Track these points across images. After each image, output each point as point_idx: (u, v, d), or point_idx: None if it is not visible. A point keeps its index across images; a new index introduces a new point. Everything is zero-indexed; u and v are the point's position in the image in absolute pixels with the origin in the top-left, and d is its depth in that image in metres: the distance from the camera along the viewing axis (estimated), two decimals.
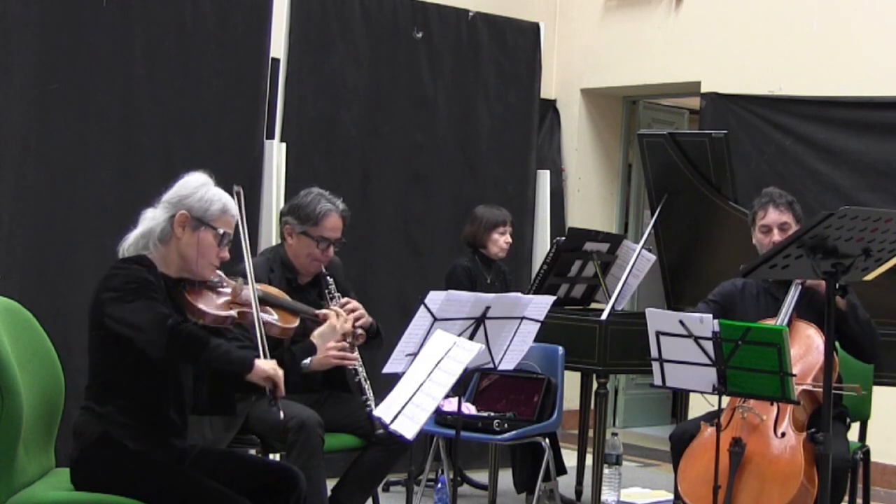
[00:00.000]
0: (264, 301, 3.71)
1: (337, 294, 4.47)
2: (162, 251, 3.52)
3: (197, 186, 3.57)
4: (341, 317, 3.99)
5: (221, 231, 3.55)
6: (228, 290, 3.61)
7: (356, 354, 4.25)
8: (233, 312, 3.57)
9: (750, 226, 4.76)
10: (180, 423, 3.56)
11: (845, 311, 4.47)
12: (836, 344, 4.52)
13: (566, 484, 6.01)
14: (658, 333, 4.14)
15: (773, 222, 4.64)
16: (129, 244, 3.55)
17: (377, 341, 4.52)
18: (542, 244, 7.04)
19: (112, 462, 3.41)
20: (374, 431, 4.32)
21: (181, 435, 3.57)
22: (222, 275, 3.66)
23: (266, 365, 3.49)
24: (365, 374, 4.38)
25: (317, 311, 3.97)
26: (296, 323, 3.80)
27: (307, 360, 3.94)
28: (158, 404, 3.49)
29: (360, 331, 4.24)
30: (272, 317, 3.71)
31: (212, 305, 3.54)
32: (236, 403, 3.80)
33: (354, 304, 4.44)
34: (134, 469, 3.40)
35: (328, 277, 4.52)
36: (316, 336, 3.91)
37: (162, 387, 3.49)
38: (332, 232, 4.50)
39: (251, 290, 3.60)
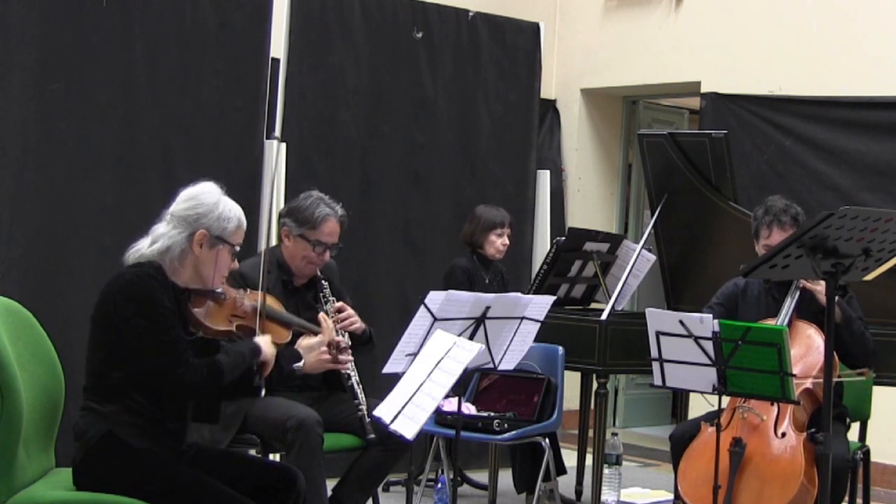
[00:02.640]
0: (264, 315, 3.74)
1: (331, 298, 4.46)
2: (175, 264, 3.50)
3: (214, 203, 3.52)
4: (328, 330, 4.03)
5: (237, 248, 3.58)
6: (229, 301, 3.63)
7: (349, 358, 4.25)
8: (232, 327, 3.61)
9: (752, 235, 4.75)
10: (180, 424, 3.56)
11: (839, 324, 4.46)
12: None
13: (566, 484, 6.01)
14: (658, 333, 4.15)
15: None
16: (138, 259, 3.51)
17: (368, 347, 4.53)
18: (542, 244, 7.03)
19: (117, 462, 3.40)
20: (366, 436, 4.30)
21: (182, 435, 3.57)
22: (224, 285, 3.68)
23: (265, 344, 3.60)
24: (357, 379, 4.34)
25: (314, 327, 4.01)
26: (289, 337, 3.85)
27: (300, 364, 3.93)
28: (160, 406, 3.47)
29: (344, 343, 4.22)
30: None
31: (212, 319, 3.55)
32: (219, 412, 3.79)
33: (349, 311, 4.44)
34: (139, 468, 3.40)
35: (323, 281, 4.51)
36: (303, 346, 3.93)
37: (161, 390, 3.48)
38: (329, 237, 4.50)
39: (259, 304, 3.65)
